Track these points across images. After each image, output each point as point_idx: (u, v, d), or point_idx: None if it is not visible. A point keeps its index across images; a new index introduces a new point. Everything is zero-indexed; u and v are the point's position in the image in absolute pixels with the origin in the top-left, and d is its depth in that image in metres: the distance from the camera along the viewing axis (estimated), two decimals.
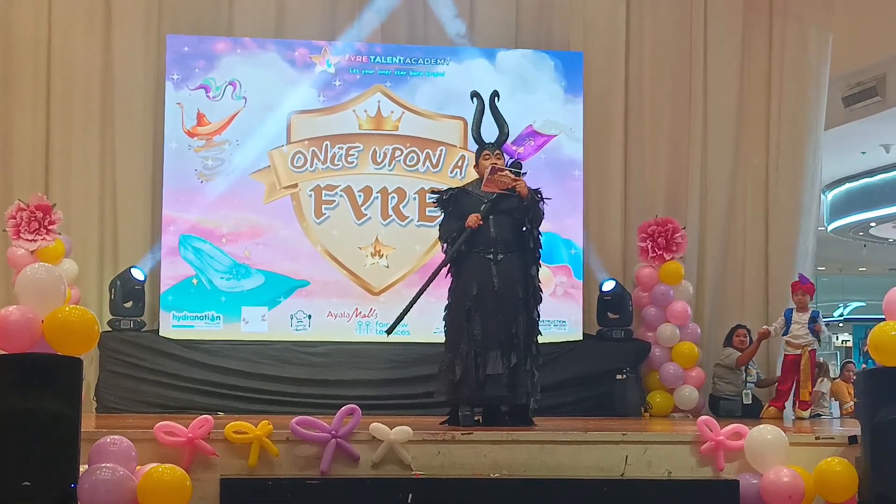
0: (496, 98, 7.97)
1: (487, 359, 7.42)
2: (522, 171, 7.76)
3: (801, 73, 11.25)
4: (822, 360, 11.60)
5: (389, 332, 8.16)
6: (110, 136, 10.35)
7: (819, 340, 9.92)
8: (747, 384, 10.11)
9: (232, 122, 10.18)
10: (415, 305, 7.90)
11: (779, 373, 10.17)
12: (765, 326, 10.07)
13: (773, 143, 11.20)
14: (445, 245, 7.77)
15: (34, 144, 10.23)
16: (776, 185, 11.16)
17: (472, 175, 8.20)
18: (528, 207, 7.61)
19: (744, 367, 10.13)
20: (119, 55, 10.38)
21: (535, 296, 7.70)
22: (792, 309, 9.90)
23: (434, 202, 7.98)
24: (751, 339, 10.26)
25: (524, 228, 7.68)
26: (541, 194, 7.80)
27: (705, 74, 11.24)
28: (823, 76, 11.30)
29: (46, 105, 10.27)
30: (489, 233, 7.57)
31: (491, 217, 7.58)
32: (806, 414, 9.70)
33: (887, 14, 11.56)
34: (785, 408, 9.72)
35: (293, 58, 10.33)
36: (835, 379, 12.31)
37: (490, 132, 7.89)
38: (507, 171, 7.54)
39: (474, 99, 7.96)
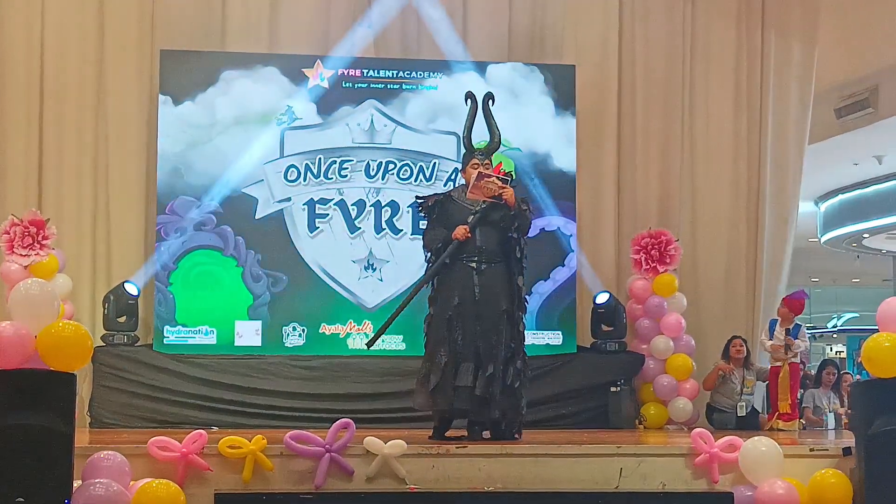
0: (490, 101, 7.83)
1: (459, 370, 7.29)
2: (511, 181, 7.59)
3: (790, 87, 11.34)
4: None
5: (370, 345, 8.08)
6: (104, 151, 10.35)
7: (789, 351, 9.81)
8: (743, 396, 10.09)
9: (225, 136, 10.19)
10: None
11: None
12: (721, 362, 10.14)
13: (763, 156, 11.25)
14: (429, 254, 7.64)
15: (27, 159, 10.22)
16: (766, 197, 11.21)
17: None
18: (516, 217, 7.46)
19: (740, 379, 10.09)
20: (112, 69, 10.39)
21: (520, 307, 7.57)
22: (777, 320, 9.90)
23: (419, 209, 7.85)
24: (748, 349, 10.23)
25: (510, 235, 7.51)
26: (527, 203, 7.68)
27: (697, 88, 11.31)
28: (809, 89, 11.37)
29: (39, 119, 10.27)
30: (474, 242, 7.42)
31: (477, 227, 7.45)
32: (791, 426, 9.64)
33: (879, 26, 11.61)
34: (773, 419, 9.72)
35: (286, 72, 10.32)
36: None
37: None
38: (494, 178, 7.39)
39: (468, 101, 7.83)
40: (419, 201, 7.87)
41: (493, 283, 7.44)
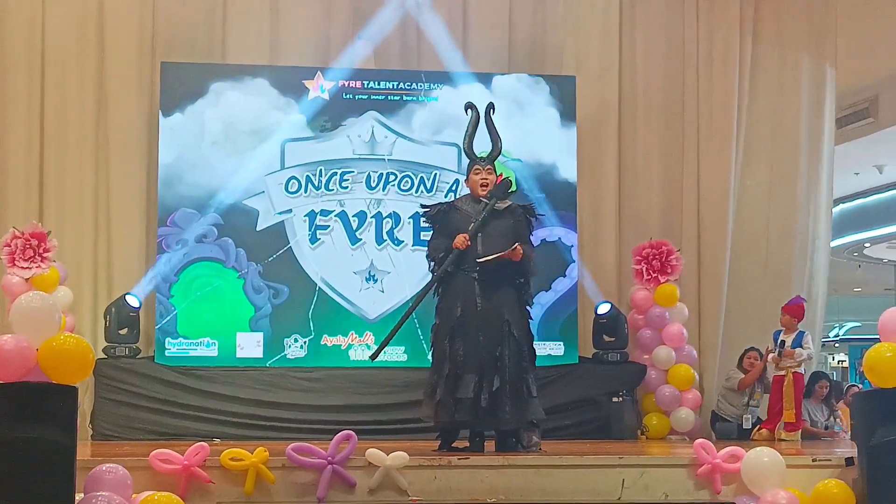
0: (492, 111, 7.81)
1: (461, 381, 7.26)
2: (511, 190, 7.67)
3: (795, 97, 11.35)
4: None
5: (374, 357, 8.06)
6: (104, 163, 10.35)
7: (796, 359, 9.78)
8: (750, 408, 10.05)
9: (226, 148, 10.20)
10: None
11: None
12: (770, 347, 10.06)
13: (766, 164, 11.25)
14: (433, 264, 7.62)
15: (28, 171, 10.23)
16: (769, 206, 11.20)
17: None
18: (523, 266, 7.44)
19: (748, 391, 10.07)
20: (113, 82, 10.40)
21: (524, 316, 7.56)
22: (781, 330, 9.88)
23: (423, 217, 7.83)
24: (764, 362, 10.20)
25: (517, 281, 7.51)
26: (534, 210, 7.73)
27: (697, 98, 11.29)
28: (819, 100, 11.38)
29: (40, 132, 10.28)
30: (475, 250, 7.39)
31: (479, 234, 7.42)
32: (794, 437, 9.60)
33: (879, 36, 11.63)
34: (776, 429, 9.66)
35: (286, 83, 10.33)
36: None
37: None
38: (495, 257, 7.30)
39: (469, 111, 7.81)
40: (424, 210, 7.86)
41: (495, 292, 7.41)
